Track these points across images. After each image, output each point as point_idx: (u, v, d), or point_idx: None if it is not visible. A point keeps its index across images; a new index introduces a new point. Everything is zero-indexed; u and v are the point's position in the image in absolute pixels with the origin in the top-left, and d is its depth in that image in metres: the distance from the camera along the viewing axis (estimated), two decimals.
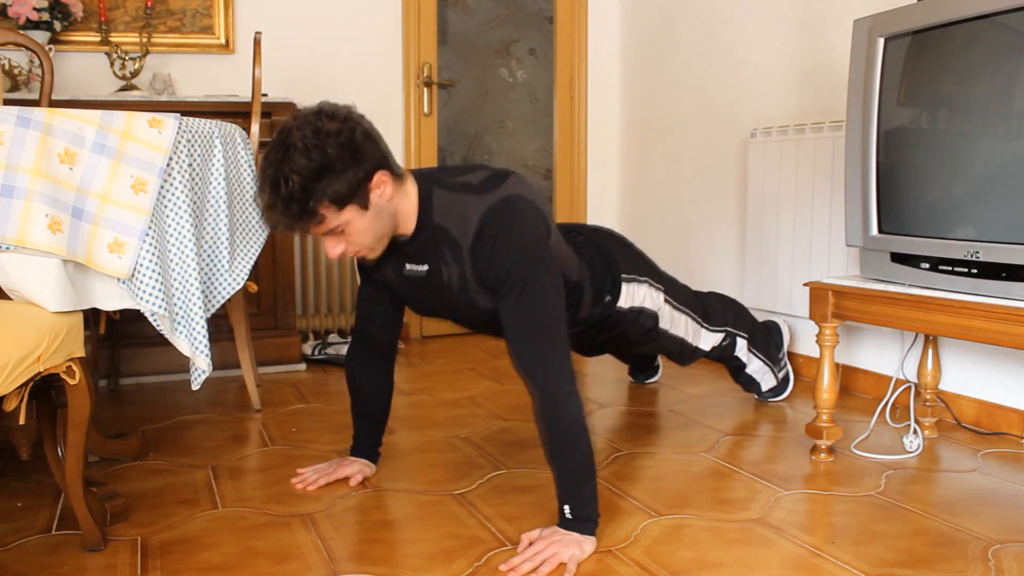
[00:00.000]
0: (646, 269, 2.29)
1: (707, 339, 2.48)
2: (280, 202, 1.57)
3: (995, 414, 2.44)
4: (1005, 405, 2.41)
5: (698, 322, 2.44)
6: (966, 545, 1.70)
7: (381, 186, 1.65)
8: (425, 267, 1.81)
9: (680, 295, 2.40)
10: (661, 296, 2.30)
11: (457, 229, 1.73)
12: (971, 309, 1.86)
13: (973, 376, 2.49)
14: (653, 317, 2.29)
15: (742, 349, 2.58)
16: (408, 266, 1.83)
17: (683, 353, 2.48)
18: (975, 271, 1.89)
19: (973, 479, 2.08)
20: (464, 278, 1.76)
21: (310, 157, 1.55)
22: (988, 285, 1.86)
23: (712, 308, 2.52)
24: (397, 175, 1.71)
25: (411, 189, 1.75)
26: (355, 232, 1.66)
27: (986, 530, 1.77)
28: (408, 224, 1.76)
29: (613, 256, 2.20)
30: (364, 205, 1.63)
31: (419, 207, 1.75)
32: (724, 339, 2.52)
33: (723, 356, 2.59)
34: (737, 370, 2.67)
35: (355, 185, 1.60)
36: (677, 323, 2.37)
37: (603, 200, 4.27)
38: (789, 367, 2.81)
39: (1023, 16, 1.78)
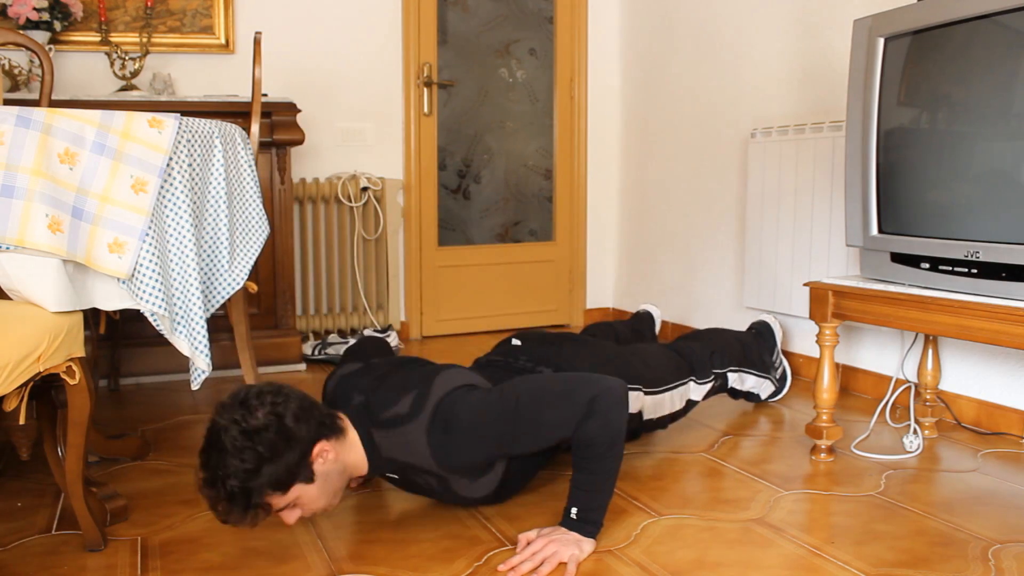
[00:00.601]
0: (620, 375, 2.09)
1: (697, 391, 2.38)
2: (223, 503, 1.53)
3: (995, 414, 2.44)
4: (1005, 405, 2.41)
5: (684, 385, 2.32)
6: (966, 545, 1.70)
7: (322, 455, 1.62)
8: (396, 476, 1.82)
9: (657, 375, 2.25)
10: (639, 395, 2.16)
11: (412, 458, 1.72)
12: (971, 309, 1.86)
13: (973, 376, 2.49)
14: (637, 418, 2.18)
15: (734, 381, 2.54)
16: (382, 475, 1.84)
17: (676, 417, 2.35)
18: (975, 271, 1.89)
19: (973, 479, 2.08)
20: (444, 479, 1.76)
21: (243, 458, 1.51)
22: (988, 285, 1.86)
23: (697, 360, 2.39)
24: (338, 435, 1.67)
25: (353, 437, 1.72)
26: (307, 502, 1.62)
27: (986, 530, 1.77)
28: (361, 468, 1.74)
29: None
30: (309, 479, 1.60)
31: (366, 450, 1.73)
32: (715, 381, 2.45)
33: (716, 391, 2.52)
34: (734, 392, 2.62)
35: (294, 468, 1.56)
36: (660, 405, 2.25)
37: (603, 200, 4.27)
38: (785, 363, 2.80)
39: (1023, 16, 1.78)
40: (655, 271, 3.96)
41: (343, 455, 1.68)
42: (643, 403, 2.16)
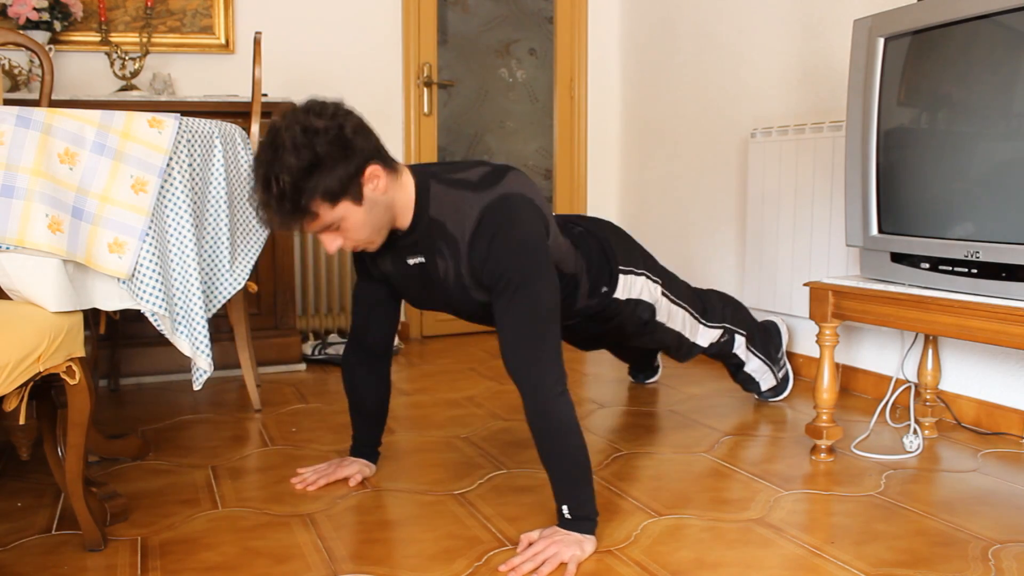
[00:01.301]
0: (644, 262, 2.29)
1: (705, 335, 2.48)
2: (273, 201, 1.57)
3: (995, 414, 2.44)
4: (1005, 405, 2.41)
5: (696, 317, 2.43)
6: (966, 545, 1.70)
7: (374, 179, 1.64)
8: (421, 259, 1.80)
9: (678, 290, 2.40)
10: (659, 289, 2.30)
11: (454, 225, 1.73)
12: (971, 309, 1.86)
13: (973, 376, 2.49)
14: (650, 309, 2.29)
15: (740, 347, 2.58)
16: (405, 259, 1.83)
17: (680, 348, 2.47)
18: (975, 271, 1.89)
19: (973, 479, 2.08)
20: (459, 273, 1.76)
21: (299, 155, 1.54)
22: (988, 285, 1.86)
23: (710, 304, 2.52)
24: (391, 168, 1.70)
25: (407, 182, 1.75)
26: (351, 227, 1.65)
27: (986, 530, 1.77)
28: (405, 217, 1.75)
29: (611, 248, 2.20)
30: (358, 199, 1.63)
31: (416, 201, 1.75)
32: (722, 335, 2.52)
33: (721, 353, 2.59)
34: (736, 368, 2.67)
35: (347, 180, 1.59)
36: (674, 317, 2.36)
37: (603, 200, 4.27)
38: (788, 367, 2.81)
39: (1023, 16, 1.78)
40: None
41: (393, 190, 1.69)
42: (659, 302, 2.25)
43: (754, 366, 2.64)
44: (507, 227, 1.69)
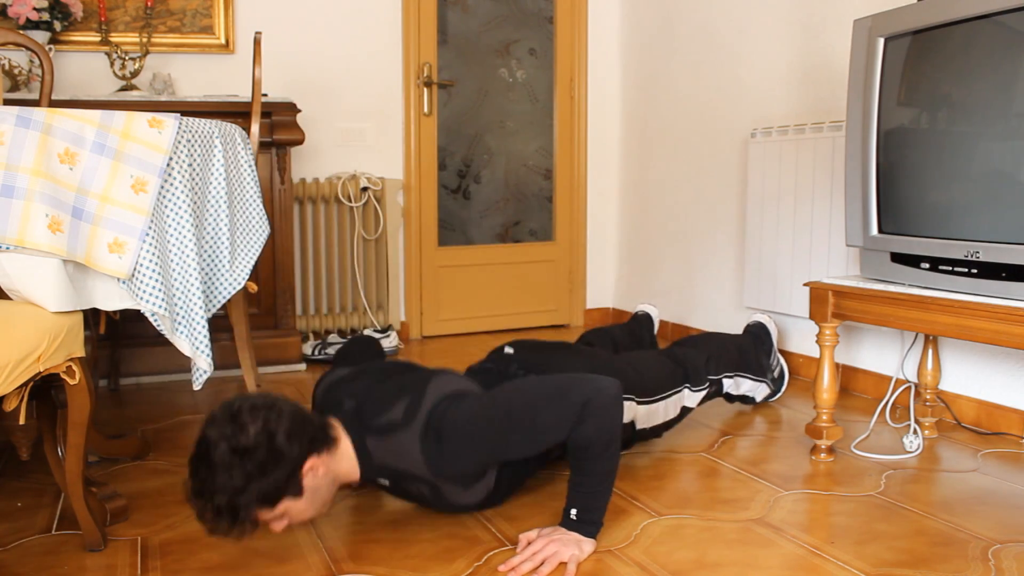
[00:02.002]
0: None
1: (692, 399, 2.36)
2: (210, 517, 1.52)
3: (995, 414, 2.44)
4: (1005, 405, 2.41)
5: (678, 393, 2.30)
6: (966, 545, 1.70)
7: (312, 471, 1.60)
8: (387, 482, 1.80)
9: (650, 384, 2.22)
10: (632, 405, 2.13)
11: (405, 465, 1.71)
12: (971, 309, 1.86)
13: (973, 376, 2.49)
14: (629, 428, 2.15)
15: (729, 386, 2.53)
16: (374, 479, 1.81)
17: (671, 425, 2.33)
18: (975, 271, 1.89)
19: (973, 479, 2.08)
20: (436, 487, 1.75)
21: (231, 475, 1.49)
22: (988, 285, 1.86)
23: (692, 367, 2.36)
24: (328, 448, 1.65)
25: (345, 447, 1.70)
26: (295, 514, 1.61)
27: (986, 530, 1.77)
28: (353, 475, 1.73)
29: None
30: (297, 493, 1.58)
31: (359, 459, 1.72)
32: (710, 388, 2.43)
33: (712, 398, 2.51)
34: (729, 397, 2.60)
35: (283, 483, 1.54)
36: (654, 415, 2.23)
37: (603, 200, 4.27)
38: (782, 362, 2.79)
39: (1023, 16, 1.78)
40: (655, 271, 3.96)
41: (334, 466, 1.66)
42: (636, 413, 2.13)
43: (747, 388, 2.61)
44: (452, 439, 1.67)
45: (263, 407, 1.55)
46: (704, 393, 2.39)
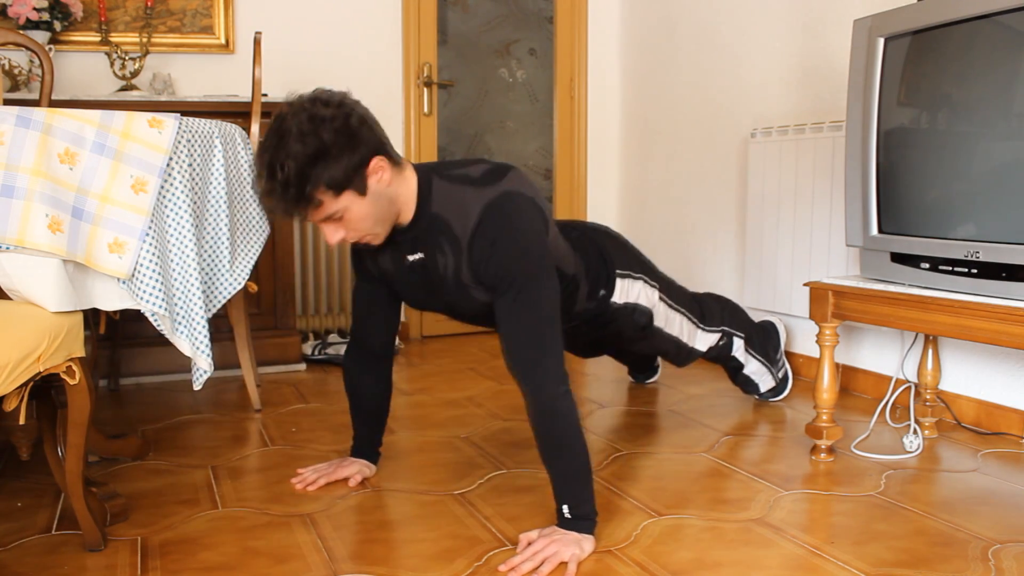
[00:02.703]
0: (641, 266, 2.29)
1: (703, 339, 2.47)
2: (277, 187, 1.57)
3: (995, 414, 2.44)
4: (1005, 405, 2.41)
5: (694, 322, 2.42)
6: (966, 545, 1.70)
7: (378, 172, 1.64)
8: (421, 256, 1.80)
9: (675, 294, 2.39)
10: (656, 294, 2.29)
11: (456, 221, 1.72)
12: (971, 309, 1.86)
13: (973, 376, 2.49)
14: (647, 314, 2.28)
15: (739, 349, 2.58)
16: (405, 256, 1.83)
17: (679, 353, 2.47)
18: (975, 271, 1.89)
19: (973, 479, 2.08)
20: (459, 270, 1.76)
21: (305, 143, 1.54)
22: (988, 285, 1.86)
23: (708, 308, 2.51)
24: (395, 161, 1.70)
25: (410, 176, 1.75)
26: (354, 218, 1.65)
27: (986, 530, 1.77)
28: (407, 212, 1.75)
29: (608, 252, 2.20)
30: (362, 191, 1.62)
31: (418, 195, 1.74)
32: (720, 339, 2.51)
33: (720, 356, 2.59)
34: (735, 371, 2.66)
35: (351, 170, 1.59)
36: (672, 322, 2.36)
37: (603, 200, 4.27)
38: (788, 367, 2.80)
39: (1023, 16, 1.78)
40: None
41: (396, 183, 1.69)
42: (656, 306, 2.23)
43: (753, 368, 2.64)
44: (508, 227, 1.69)
45: (340, 94, 1.63)
46: (715, 338, 2.45)
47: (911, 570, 1.60)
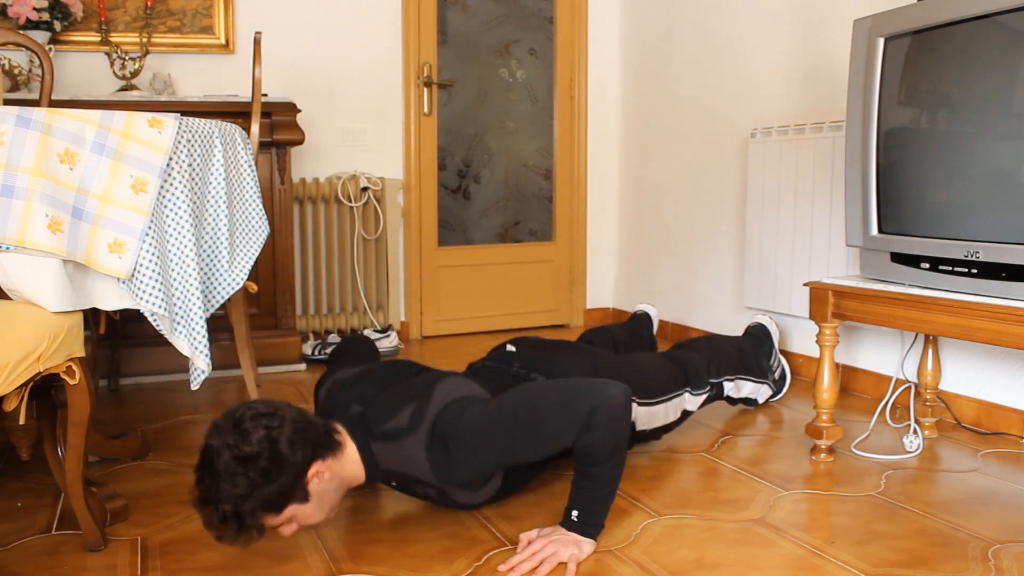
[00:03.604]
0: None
1: (693, 403, 2.36)
2: (217, 524, 1.52)
3: (995, 414, 2.44)
4: (1005, 405, 2.41)
5: (679, 396, 2.30)
6: (966, 545, 1.70)
7: (317, 476, 1.60)
8: (394, 483, 1.82)
9: (652, 386, 2.22)
10: (634, 406, 2.10)
11: (412, 470, 1.72)
12: (971, 309, 1.86)
13: (973, 376, 2.49)
14: (629, 429, 2.07)
15: (730, 389, 2.53)
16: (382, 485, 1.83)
17: (670, 428, 2.33)
18: (975, 271, 1.89)
19: (973, 479, 2.08)
20: (443, 490, 1.76)
21: (235, 484, 1.49)
22: (988, 285, 1.86)
23: (693, 370, 2.36)
24: (334, 452, 1.65)
25: (351, 452, 1.70)
26: (303, 518, 1.61)
27: (986, 530, 1.77)
28: (359, 478, 1.73)
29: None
30: (304, 499, 1.58)
31: (364, 462, 1.72)
32: (711, 391, 2.43)
33: (713, 399, 2.51)
34: (731, 400, 2.60)
35: (288, 490, 1.55)
36: (655, 417, 2.23)
37: (603, 200, 4.27)
38: (784, 363, 2.79)
39: (1023, 16, 1.78)
40: (655, 271, 3.96)
41: (340, 471, 1.66)
42: (636, 414, 2.13)
43: (748, 390, 2.60)
44: (458, 448, 1.67)
45: (265, 414, 1.55)
46: (705, 396, 2.39)
47: (911, 570, 1.60)
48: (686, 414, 2.34)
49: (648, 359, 2.38)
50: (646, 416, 2.18)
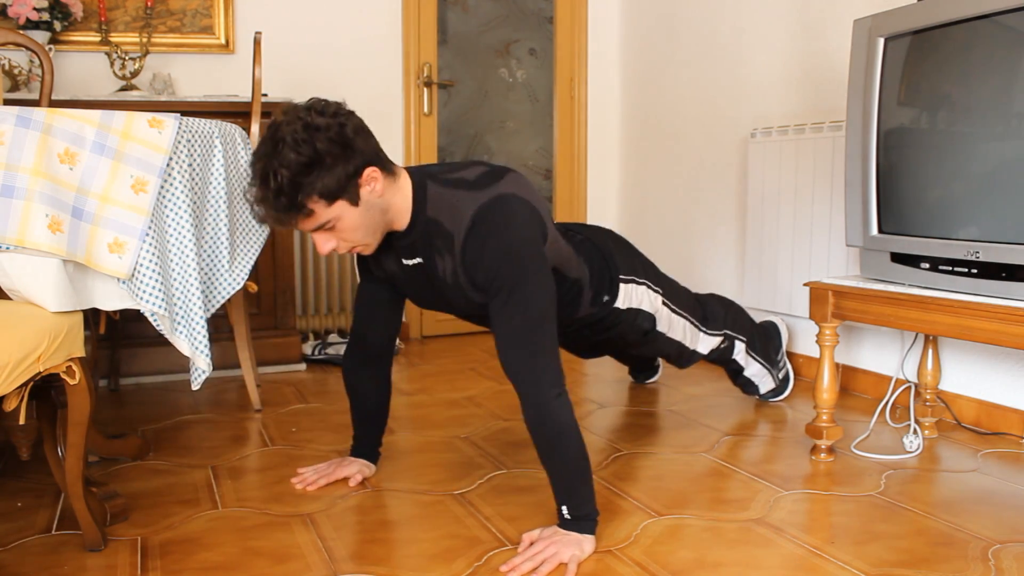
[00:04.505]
0: (645, 271, 2.29)
1: (705, 342, 2.47)
2: (270, 195, 1.58)
3: (995, 414, 2.44)
4: (1005, 405, 2.41)
5: (696, 325, 2.42)
6: (966, 545, 1.70)
7: (371, 182, 1.65)
8: (419, 260, 1.81)
9: (678, 298, 2.39)
10: (659, 298, 2.29)
11: (450, 224, 1.73)
12: (971, 309, 1.86)
13: (973, 376, 2.49)
14: (650, 319, 2.28)
15: (740, 352, 2.58)
16: (403, 260, 1.84)
17: (681, 356, 2.46)
18: (975, 271, 1.89)
19: (973, 479, 2.08)
20: (456, 273, 1.76)
21: (299, 151, 1.55)
22: (988, 285, 1.86)
23: (710, 311, 2.51)
24: (389, 171, 1.71)
25: (404, 184, 1.75)
26: (346, 228, 1.66)
27: (986, 530, 1.77)
28: (402, 219, 1.76)
29: (612, 256, 2.20)
30: (354, 200, 1.63)
31: (413, 201, 1.75)
32: (722, 342, 2.51)
33: (721, 359, 2.59)
34: (735, 373, 2.66)
35: (344, 180, 1.60)
36: (675, 326, 2.35)
37: (603, 200, 4.27)
38: (789, 367, 2.80)
39: (1023, 16, 1.78)
40: None
41: (390, 193, 1.70)
42: (659, 311, 2.23)
43: (754, 370, 2.64)
44: (499, 229, 1.68)
45: (335, 104, 1.65)
46: (716, 341, 2.45)
47: (911, 570, 1.60)
48: (696, 354, 2.44)
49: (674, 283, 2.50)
50: (668, 319, 2.30)
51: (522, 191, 1.76)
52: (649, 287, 2.26)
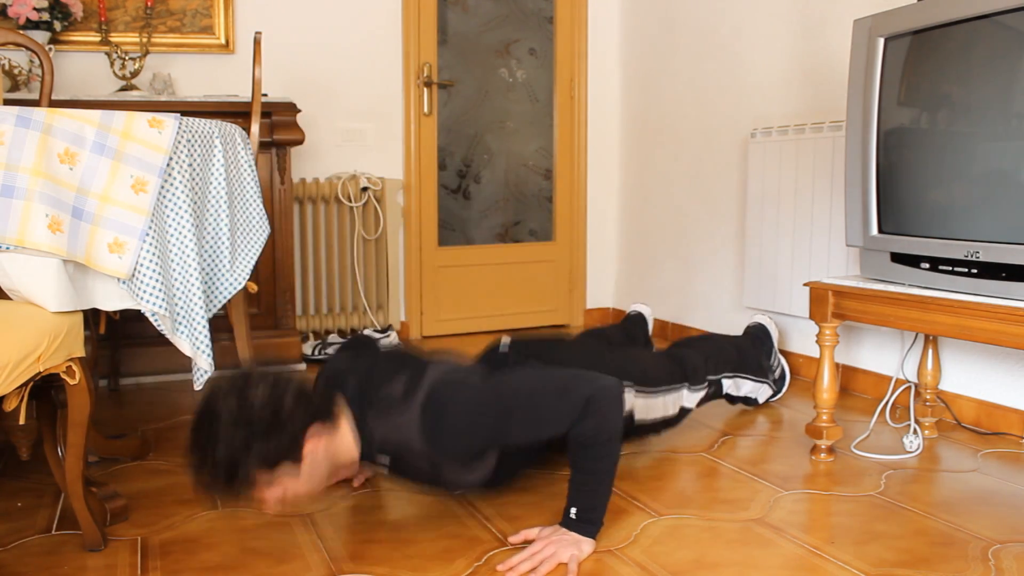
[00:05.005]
0: (616, 375, 2.08)
1: (690, 399, 2.36)
2: (208, 472, 1.52)
3: (995, 414, 2.44)
4: (1005, 405, 2.41)
5: (677, 391, 2.30)
6: (966, 545, 1.70)
7: (314, 438, 1.60)
8: (387, 461, 1.79)
9: (651, 379, 2.23)
10: (631, 395, 2.14)
11: (406, 440, 1.71)
12: (971, 309, 1.86)
13: (973, 376, 2.49)
14: (627, 420, 2.12)
15: (729, 387, 2.53)
16: (378, 460, 1.80)
17: (668, 424, 2.33)
18: (975, 271, 1.89)
19: (973, 479, 2.08)
20: (436, 464, 1.74)
21: (235, 430, 1.50)
22: (988, 285, 1.86)
23: (691, 365, 2.37)
24: (330, 424, 1.66)
25: (345, 422, 1.71)
26: (291, 488, 1.61)
27: (986, 530, 1.77)
28: (352, 452, 1.73)
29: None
30: (296, 463, 1.58)
31: (360, 433, 1.72)
32: (709, 387, 2.43)
33: (713, 398, 2.51)
34: (730, 399, 2.60)
35: (285, 447, 1.55)
36: (653, 408, 2.23)
37: (603, 200, 4.27)
38: (783, 362, 2.79)
39: (1023, 16, 1.78)
40: (655, 271, 3.96)
41: (334, 442, 1.67)
42: (634, 404, 2.13)
43: (747, 389, 2.60)
44: (452, 417, 1.66)
45: (271, 373, 1.60)
46: (703, 393, 2.38)
47: (911, 570, 1.60)
48: (684, 411, 2.34)
49: (645, 354, 2.40)
50: (644, 407, 2.19)
51: (445, 375, 1.74)
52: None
